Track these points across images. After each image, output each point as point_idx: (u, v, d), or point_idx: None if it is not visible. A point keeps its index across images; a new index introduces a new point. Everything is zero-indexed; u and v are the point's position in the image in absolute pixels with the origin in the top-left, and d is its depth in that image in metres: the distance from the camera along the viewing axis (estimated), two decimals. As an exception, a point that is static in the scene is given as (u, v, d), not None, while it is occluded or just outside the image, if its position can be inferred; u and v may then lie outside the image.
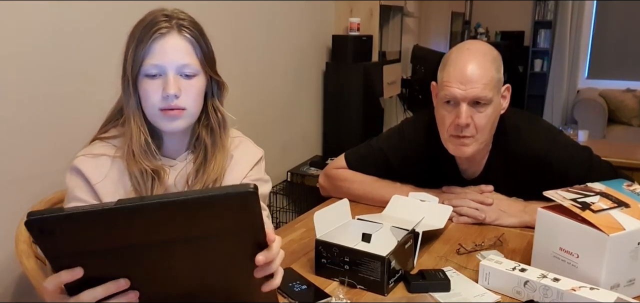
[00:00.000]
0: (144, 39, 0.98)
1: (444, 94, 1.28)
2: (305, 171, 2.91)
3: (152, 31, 0.98)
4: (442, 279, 1.03)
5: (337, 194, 1.54)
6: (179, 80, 1.00)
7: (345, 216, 1.19)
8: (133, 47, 0.98)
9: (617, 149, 3.40)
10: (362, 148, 1.57)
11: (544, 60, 6.41)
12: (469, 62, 1.25)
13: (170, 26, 0.99)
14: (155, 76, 0.99)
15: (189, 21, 1.02)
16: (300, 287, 1.02)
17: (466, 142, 1.29)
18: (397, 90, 3.78)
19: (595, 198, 1.04)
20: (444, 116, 1.31)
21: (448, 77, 1.27)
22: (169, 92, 0.97)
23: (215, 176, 1.06)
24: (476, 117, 1.27)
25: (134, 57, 0.98)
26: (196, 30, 1.02)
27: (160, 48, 0.98)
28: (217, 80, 1.08)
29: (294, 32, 2.90)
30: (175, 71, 0.99)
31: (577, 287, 0.91)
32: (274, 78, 2.76)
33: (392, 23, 3.95)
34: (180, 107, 1.00)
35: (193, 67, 1.01)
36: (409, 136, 1.49)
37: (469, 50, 1.29)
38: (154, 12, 1.01)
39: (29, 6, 1.46)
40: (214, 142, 1.08)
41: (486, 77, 1.25)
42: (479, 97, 1.24)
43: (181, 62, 0.99)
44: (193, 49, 1.01)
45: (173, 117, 1.00)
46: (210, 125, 1.08)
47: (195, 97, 1.02)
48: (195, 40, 1.01)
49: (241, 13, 2.40)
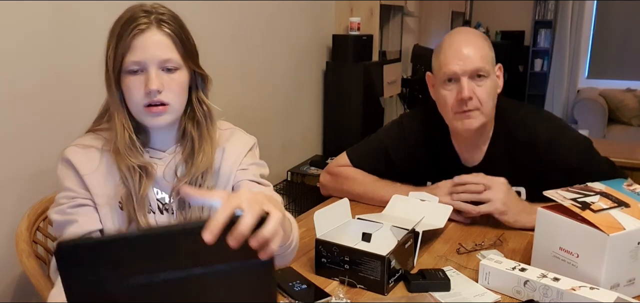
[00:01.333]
0: (124, 36, 0.97)
1: (443, 72, 1.33)
2: (305, 171, 2.91)
3: (131, 27, 0.97)
4: (442, 279, 1.03)
5: (338, 192, 1.55)
6: (161, 75, 0.99)
7: (345, 216, 1.19)
8: (113, 45, 0.98)
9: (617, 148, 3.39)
10: (363, 143, 1.60)
11: (544, 60, 6.41)
12: (463, 40, 1.33)
13: (150, 21, 0.98)
14: (137, 72, 0.98)
15: (169, 15, 1.01)
16: (301, 286, 1.02)
17: (472, 115, 1.33)
18: (398, 90, 3.78)
19: (595, 198, 1.04)
20: (445, 96, 1.35)
21: (445, 57, 1.33)
22: (151, 88, 0.96)
23: (204, 168, 1.06)
24: (477, 91, 1.31)
25: (115, 54, 0.97)
26: (176, 24, 1.01)
27: (141, 44, 0.97)
28: (200, 74, 1.07)
29: (294, 32, 2.90)
30: (156, 66, 0.98)
31: (577, 287, 0.91)
32: (274, 78, 2.75)
33: (392, 22, 3.95)
34: (164, 102, 0.99)
35: (174, 61, 1.00)
36: (407, 126, 1.53)
37: (461, 32, 1.39)
38: (132, 8, 1.00)
39: (30, 6, 1.46)
40: (201, 135, 1.07)
41: (482, 50, 1.32)
42: (478, 68, 1.30)
43: (162, 57, 0.98)
44: (173, 44, 1.00)
45: (157, 113, 1.00)
46: (196, 118, 1.07)
47: (178, 92, 1.02)
48: (176, 35, 1.00)
49: (241, 13, 2.40)
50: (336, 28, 3.32)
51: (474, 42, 1.33)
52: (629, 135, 4.94)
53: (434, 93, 1.42)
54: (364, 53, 3.20)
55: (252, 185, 1.09)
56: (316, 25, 3.13)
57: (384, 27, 3.79)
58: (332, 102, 3.23)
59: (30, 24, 1.47)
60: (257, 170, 1.13)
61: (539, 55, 6.44)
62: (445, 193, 1.37)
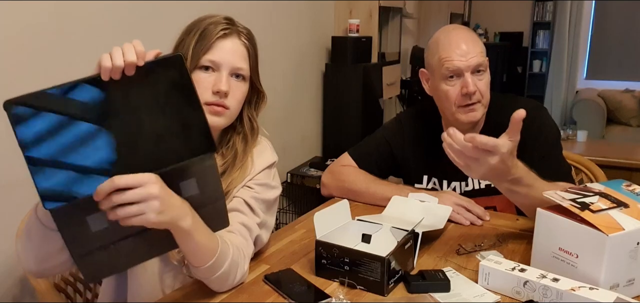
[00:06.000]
0: (208, 35, 1.03)
1: (446, 68, 1.38)
2: (305, 172, 2.91)
3: (217, 29, 1.04)
4: (442, 279, 1.03)
5: (339, 191, 1.57)
6: (231, 80, 1.05)
7: (345, 217, 1.20)
8: (195, 40, 1.03)
9: (616, 149, 3.40)
10: (364, 142, 1.66)
11: (543, 61, 6.42)
12: (461, 37, 1.39)
13: (232, 30, 1.06)
14: (208, 70, 1.04)
15: (247, 30, 1.10)
16: (301, 287, 1.02)
17: (475, 107, 1.40)
18: (397, 91, 3.79)
19: (594, 198, 1.04)
20: (448, 91, 1.40)
21: (447, 53, 1.38)
22: (221, 89, 1.02)
23: (238, 183, 1.09)
24: (479, 84, 1.38)
25: (194, 49, 1.03)
26: (252, 39, 1.10)
27: (222, 46, 1.04)
28: (258, 91, 1.13)
29: (293, 34, 2.90)
30: (229, 71, 1.04)
31: (577, 287, 0.91)
32: (273, 79, 2.76)
33: (391, 24, 3.95)
34: (226, 105, 1.04)
35: (244, 71, 1.07)
36: (405, 121, 1.61)
37: (456, 28, 1.45)
38: (213, 15, 1.08)
39: (30, 6, 1.46)
40: (245, 150, 1.12)
41: (479, 45, 1.40)
42: (480, 63, 1.37)
43: (236, 64, 1.05)
44: (248, 56, 1.08)
45: (217, 112, 1.04)
46: (243, 133, 1.13)
47: (240, 100, 1.08)
48: (250, 49, 1.08)
49: (241, 14, 2.39)
50: (335, 30, 3.33)
51: (471, 37, 1.40)
52: (627, 135, 4.95)
53: (430, 88, 1.49)
54: (363, 55, 3.20)
55: (242, 205, 1.09)
56: (315, 27, 3.13)
57: (383, 29, 3.80)
58: (332, 103, 3.23)
59: (30, 24, 1.47)
60: (260, 193, 1.12)
61: (538, 56, 6.45)
62: (450, 203, 1.38)
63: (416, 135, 1.57)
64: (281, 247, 1.24)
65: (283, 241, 1.28)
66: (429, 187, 1.54)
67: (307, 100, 3.13)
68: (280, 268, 1.10)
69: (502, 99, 1.49)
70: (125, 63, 0.75)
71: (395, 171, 1.63)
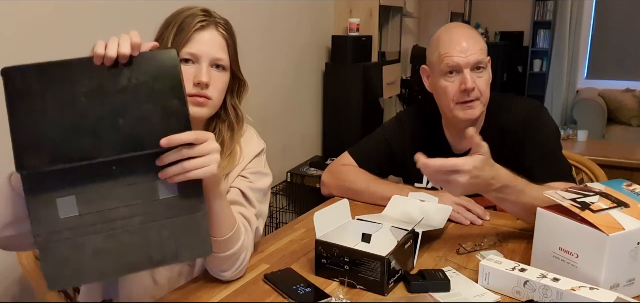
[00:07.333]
0: (186, 28, 1.04)
1: (445, 64, 1.38)
2: (305, 172, 2.91)
3: (195, 22, 1.05)
4: (442, 279, 1.03)
5: (339, 191, 1.57)
6: (211, 71, 1.06)
7: (345, 216, 1.19)
8: (173, 34, 1.04)
9: (616, 149, 3.40)
10: (364, 141, 1.66)
11: (544, 60, 6.42)
12: (462, 34, 1.39)
13: (210, 22, 1.07)
14: (188, 62, 1.04)
15: (225, 21, 1.11)
16: (301, 287, 1.02)
17: (473, 105, 1.39)
18: (397, 91, 3.78)
19: (594, 198, 1.04)
20: (446, 87, 1.40)
21: (447, 50, 1.38)
22: (202, 80, 1.03)
23: (229, 170, 1.11)
24: (478, 82, 1.38)
25: (173, 42, 1.04)
26: (230, 30, 1.11)
27: (200, 39, 1.05)
28: (240, 80, 1.15)
29: (293, 33, 2.90)
30: (209, 63, 1.05)
31: (577, 287, 0.91)
32: (274, 78, 2.76)
33: (391, 24, 3.95)
34: (208, 96, 1.05)
35: (224, 62, 1.08)
36: (405, 120, 1.62)
37: (458, 26, 1.45)
38: (190, 7, 1.08)
39: (31, 5, 1.46)
40: (232, 138, 1.14)
41: (480, 43, 1.39)
42: (480, 60, 1.37)
43: (216, 55, 1.06)
44: (227, 46, 1.09)
45: (199, 104, 1.05)
46: (228, 121, 1.14)
47: (222, 90, 1.09)
48: (229, 39, 1.09)
49: (241, 13, 2.40)
50: (335, 29, 3.32)
51: (473, 35, 1.40)
52: (628, 135, 4.95)
53: (430, 84, 1.49)
54: (364, 54, 3.20)
55: (239, 196, 1.11)
56: (316, 27, 3.13)
57: (383, 28, 3.80)
58: (332, 103, 3.23)
59: (33, 23, 1.47)
60: (254, 182, 1.14)
61: (538, 56, 6.45)
62: (451, 203, 1.38)
63: (416, 134, 1.57)
64: (281, 247, 1.24)
65: (283, 241, 1.27)
66: (429, 187, 1.54)
67: (308, 100, 3.13)
68: (280, 268, 1.10)
69: (503, 98, 1.49)
70: (119, 55, 0.79)
71: (396, 171, 1.64)
